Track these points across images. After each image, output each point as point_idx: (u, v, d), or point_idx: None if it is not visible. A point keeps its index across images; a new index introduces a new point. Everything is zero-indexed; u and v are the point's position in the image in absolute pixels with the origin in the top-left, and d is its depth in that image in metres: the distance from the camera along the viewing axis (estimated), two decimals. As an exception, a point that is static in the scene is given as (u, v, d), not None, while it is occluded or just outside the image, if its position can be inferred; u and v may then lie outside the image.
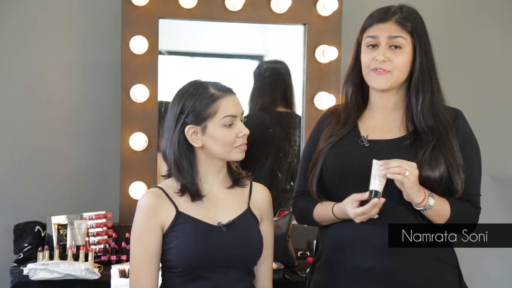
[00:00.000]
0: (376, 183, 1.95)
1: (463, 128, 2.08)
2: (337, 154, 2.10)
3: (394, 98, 2.10)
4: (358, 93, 2.15)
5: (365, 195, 1.96)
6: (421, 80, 2.05)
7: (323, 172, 2.11)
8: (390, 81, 2.05)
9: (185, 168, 2.01)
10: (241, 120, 2.03)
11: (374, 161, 1.95)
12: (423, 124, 2.04)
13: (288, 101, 3.43)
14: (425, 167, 1.98)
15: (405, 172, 1.91)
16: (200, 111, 1.98)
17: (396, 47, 2.04)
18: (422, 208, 1.97)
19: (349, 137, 2.12)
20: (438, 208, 1.98)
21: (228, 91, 2.01)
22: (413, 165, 1.94)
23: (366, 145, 2.08)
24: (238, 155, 2.01)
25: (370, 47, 2.07)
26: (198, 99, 1.98)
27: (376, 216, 1.98)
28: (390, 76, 2.04)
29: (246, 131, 2.00)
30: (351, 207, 1.99)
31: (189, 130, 1.99)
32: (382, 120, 2.11)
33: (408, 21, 2.04)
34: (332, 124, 2.16)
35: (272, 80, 3.40)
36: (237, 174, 2.09)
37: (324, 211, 2.11)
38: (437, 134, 2.03)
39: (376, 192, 1.95)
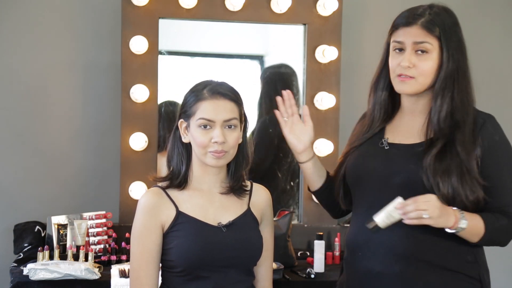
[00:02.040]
0: (382, 217, 1.88)
1: (491, 135, 1.98)
2: (358, 155, 2.10)
3: (421, 102, 2.04)
4: (388, 96, 2.10)
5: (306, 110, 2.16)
6: (444, 85, 1.97)
7: (346, 173, 2.12)
8: (414, 87, 1.99)
9: (174, 160, 2.04)
10: (228, 127, 1.98)
11: (397, 198, 1.88)
12: (437, 130, 1.98)
13: None
14: (431, 174, 1.92)
15: (422, 215, 1.84)
16: (187, 108, 2.01)
17: (422, 51, 1.97)
18: (454, 231, 1.91)
19: (373, 139, 2.09)
20: (471, 228, 1.91)
21: (218, 94, 1.99)
22: (431, 199, 1.86)
23: (386, 147, 2.05)
24: (211, 160, 1.98)
25: (397, 51, 2.00)
26: (190, 96, 2.02)
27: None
28: (414, 82, 1.98)
29: (219, 139, 1.95)
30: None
31: (181, 124, 2.03)
32: (408, 124, 2.06)
33: (435, 24, 1.96)
34: (357, 129, 2.16)
35: (277, 83, 3.40)
36: (237, 183, 2.07)
37: None
38: (447, 140, 1.95)
39: (376, 226, 1.89)
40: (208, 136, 1.97)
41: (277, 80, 3.42)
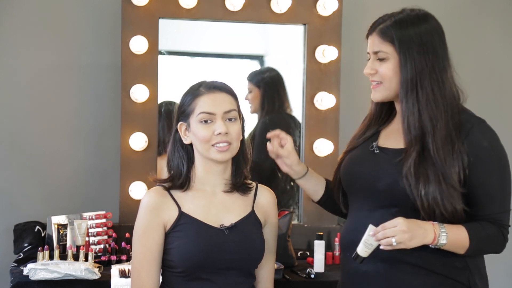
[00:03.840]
0: (362, 247, 1.89)
1: (478, 142, 1.92)
2: (349, 159, 2.12)
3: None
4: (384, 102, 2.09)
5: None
6: (406, 89, 1.95)
7: (341, 177, 2.14)
8: (382, 92, 2.01)
9: (175, 162, 2.04)
10: (229, 119, 2.00)
11: (369, 226, 1.89)
12: (409, 136, 1.96)
13: (283, 103, 3.43)
14: (411, 181, 1.89)
15: (392, 242, 1.84)
16: (185, 108, 2.01)
17: (381, 59, 1.99)
18: (435, 247, 1.90)
19: (366, 143, 2.10)
20: (454, 241, 1.89)
21: (214, 89, 2.01)
22: (397, 223, 1.84)
23: (376, 151, 2.05)
24: (217, 155, 1.99)
25: (368, 60, 2.05)
26: (186, 97, 2.03)
27: None
28: (381, 88, 2.01)
29: (221, 130, 1.96)
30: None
31: (181, 127, 2.03)
32: (397, 129, 2.05)
33: (390, 30, 1.96)
34: (356, 132, 2.17)
35: (268, 86, 3.40)
36: (239, 180, 2.07)
37: None
38: (423, 147, 1.92)
39: (359, 257, 1.90)
40: (210, 130, 1.97)
41: (277, 82, 3.42)
